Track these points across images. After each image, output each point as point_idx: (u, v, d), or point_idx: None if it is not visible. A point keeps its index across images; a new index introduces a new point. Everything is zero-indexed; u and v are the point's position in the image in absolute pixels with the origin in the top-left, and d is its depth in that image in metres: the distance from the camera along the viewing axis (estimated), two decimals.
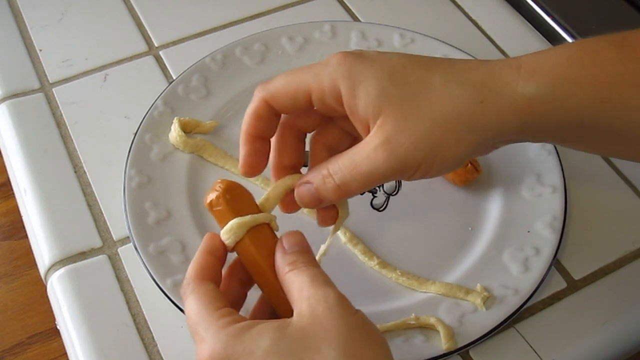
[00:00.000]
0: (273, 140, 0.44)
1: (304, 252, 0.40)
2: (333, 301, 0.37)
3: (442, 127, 0.39)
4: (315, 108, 0.42)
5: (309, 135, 0.45)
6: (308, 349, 0.35)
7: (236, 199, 0.41)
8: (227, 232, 0.41)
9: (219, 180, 0.42)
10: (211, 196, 0.41)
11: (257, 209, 0.42)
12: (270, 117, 0.43)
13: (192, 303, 0.39)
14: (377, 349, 0.36)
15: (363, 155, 0.40)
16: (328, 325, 0.36)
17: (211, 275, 0.41)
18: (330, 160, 0.41)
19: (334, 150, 0.44)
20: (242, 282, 0.43)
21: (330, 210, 0.44)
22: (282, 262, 0.40)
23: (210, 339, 0.37)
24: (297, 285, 0.38)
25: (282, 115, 0.43)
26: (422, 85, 0.39)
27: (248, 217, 0.41)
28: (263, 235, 0.41)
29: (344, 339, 0.35)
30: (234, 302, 0.42)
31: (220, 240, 0.41)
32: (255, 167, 0.44)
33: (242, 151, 0.44)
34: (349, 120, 0.41)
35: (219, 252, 0.41)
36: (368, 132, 0.40)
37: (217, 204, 0.41)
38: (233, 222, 0.41)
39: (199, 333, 0.38)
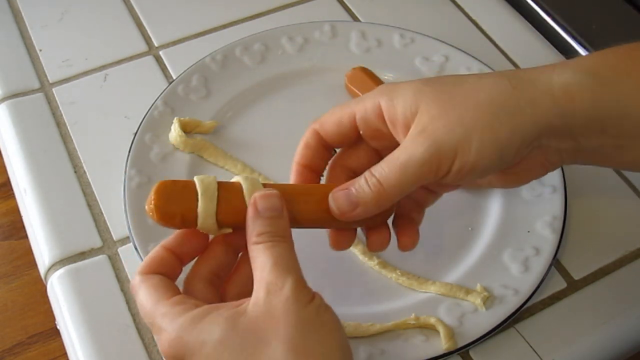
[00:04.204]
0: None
1: (277, 217, 0.39)
2: (288, 292, 0.36)
3: (474, 111, 0.39)
4: (360, 132, 0.44)
5: None
6: (259, 341, 0.35)
7: (170, 198, 0.40)
8: (203, 229, 0.40)
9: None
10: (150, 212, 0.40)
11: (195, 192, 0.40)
12: (319, 147, 0.45)
13: (143, 296, 0.39)
14: (327, 342, 0.36)
15: (401, 148, 0.40)
16: (280, 318, 0.36)
17: (160, 268, 0.41)
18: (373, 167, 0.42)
19: (355, 174, 0.44)
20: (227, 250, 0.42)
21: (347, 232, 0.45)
22: (252, 226, 0.39)
23: (167, 327, 0.37)
24: (259, 262, 0.38)
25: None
26: (456, 83, 0.41)
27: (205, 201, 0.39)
28: (234, 199, 0.40)
29: (291, 335, 0.35)
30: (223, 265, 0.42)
31: (176, 237, 0.42)
32: None
33: (292, 182, 0.45)
34: (383, 139, 0.43)
35: (172, 244, 0.42)
36: None
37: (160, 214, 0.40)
38: (200, 215, 0.39)
39: (156, 324, 0.38)
